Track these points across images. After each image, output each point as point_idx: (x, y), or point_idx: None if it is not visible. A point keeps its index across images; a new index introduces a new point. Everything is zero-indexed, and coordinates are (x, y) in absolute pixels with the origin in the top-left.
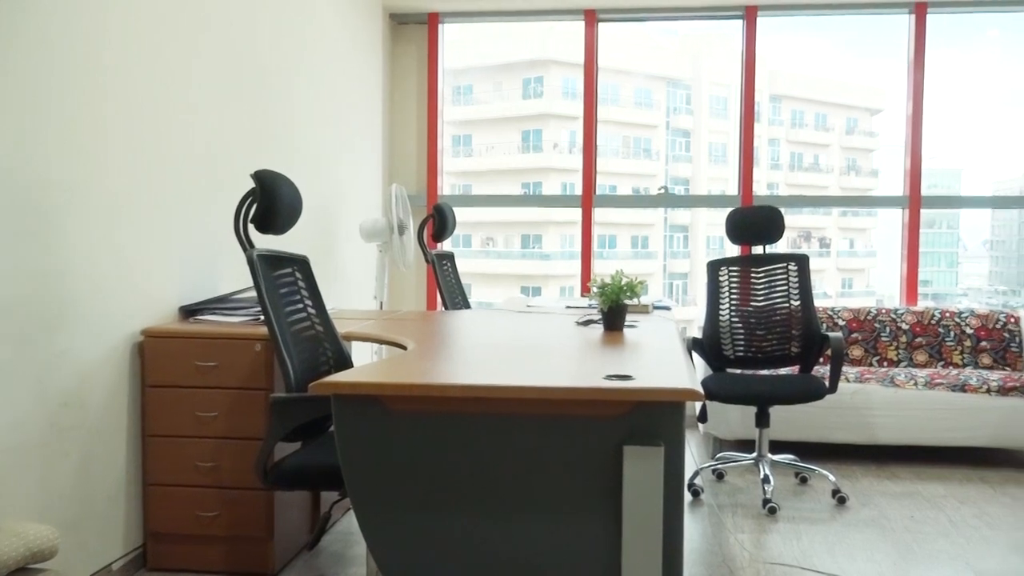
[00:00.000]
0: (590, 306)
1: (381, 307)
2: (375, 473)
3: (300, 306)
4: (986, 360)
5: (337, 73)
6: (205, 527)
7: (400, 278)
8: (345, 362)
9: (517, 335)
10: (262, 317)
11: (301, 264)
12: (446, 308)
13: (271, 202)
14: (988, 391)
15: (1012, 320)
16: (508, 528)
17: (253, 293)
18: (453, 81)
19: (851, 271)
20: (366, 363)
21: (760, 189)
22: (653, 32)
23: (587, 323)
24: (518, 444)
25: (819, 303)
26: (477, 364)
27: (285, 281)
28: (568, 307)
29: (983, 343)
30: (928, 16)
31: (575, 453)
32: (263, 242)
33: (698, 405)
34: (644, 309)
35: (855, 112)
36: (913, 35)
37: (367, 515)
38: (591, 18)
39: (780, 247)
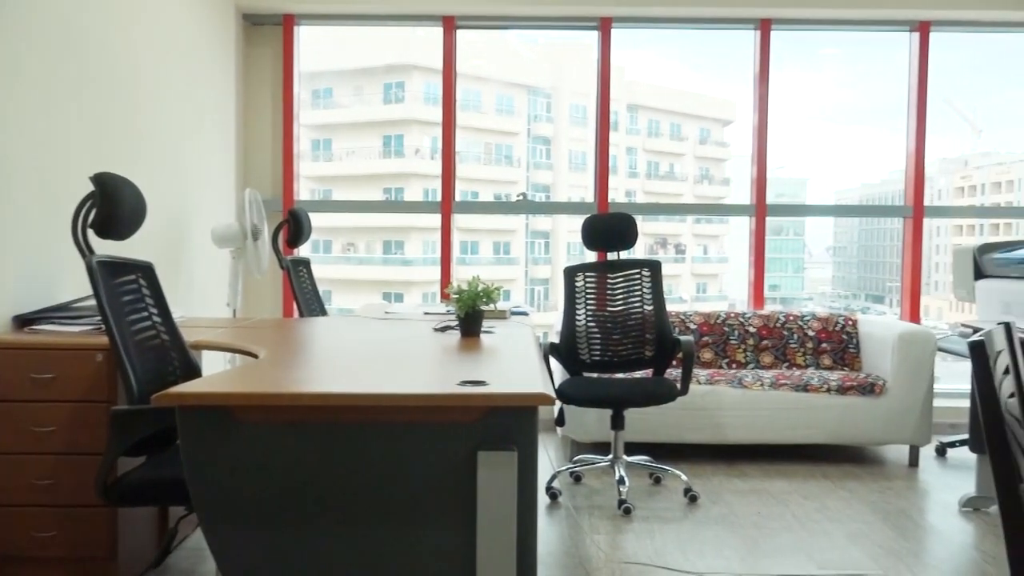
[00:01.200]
0: (448, 312)
1: (234, 315)
2: (222, 486)
3: (144, 314)
4: (827, 361)
5: (187, 74)
6: (43, 548)
7: (255, 285)
8: (194, 372)
9: (373, 342)
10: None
11: (145, 271)
12: (302, 315)
13: (112, 206)
14: (828, 390)
15: (850, 323)
16: (362, 539)
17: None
18: (311, 84)
19: (705, 276)
20: (215, 373)
21: (618, 196)
22: (514, 40)
23: (444, 329)
24: (372, 453)
25: (675, 307)
26: (330, 372)
27: (128, 289)
28: (426, 313)
29: (824, 345)
30: (772, 32)
31: (430, 460)
32: (106, 248)
33: (556, 409)
34: (502, 315)
35: (708, 123)
36: (758, 50)
37: (214, 530)
38: (449, 24)
39: (637, 253)
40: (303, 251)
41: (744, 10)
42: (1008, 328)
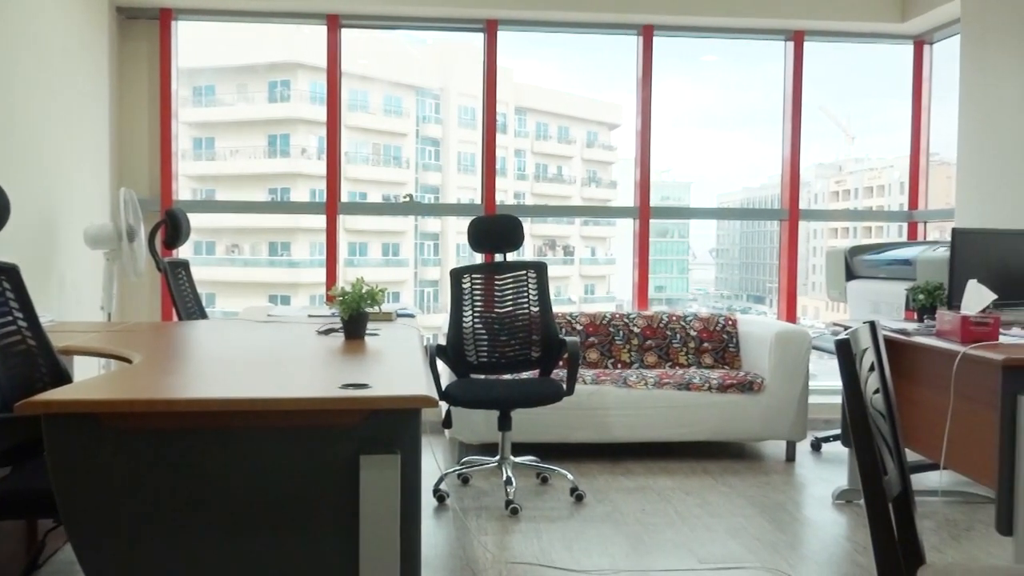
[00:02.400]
0: (333, 315)
1: (109, 319)
2: (92, 497)
3: (9, 319)
4: (708, 360)
5: (56, 68)
6: None
7: (131, 288)
8: (63, 378)
9: (253, 346)
10: None
11: (10, 273)
12: (180, 319)
13: None
14: (709, 389)
15: (730, 322)
16: (241, 548)
17: None
18: (192, 81)
19: (593, 278)
20: (85, 379)
21: (508, 199)
22: (403, 40)
23: (328, 332)
24: (250, 460)
25: (563, 309)
26: (208, 377)
27: None
28: (311, 316)
29: (705, 344)
30: (654, 38)
31: (311, 466)
32: None
33: (443, 411)
34: (388, 317)
35: (595, 126)
36: (641, 55)
37: (84, 543)
38: (333, 23)
39: (527, 255)
40: (183, 252)
41: (627, 16)
42: (873, 327)
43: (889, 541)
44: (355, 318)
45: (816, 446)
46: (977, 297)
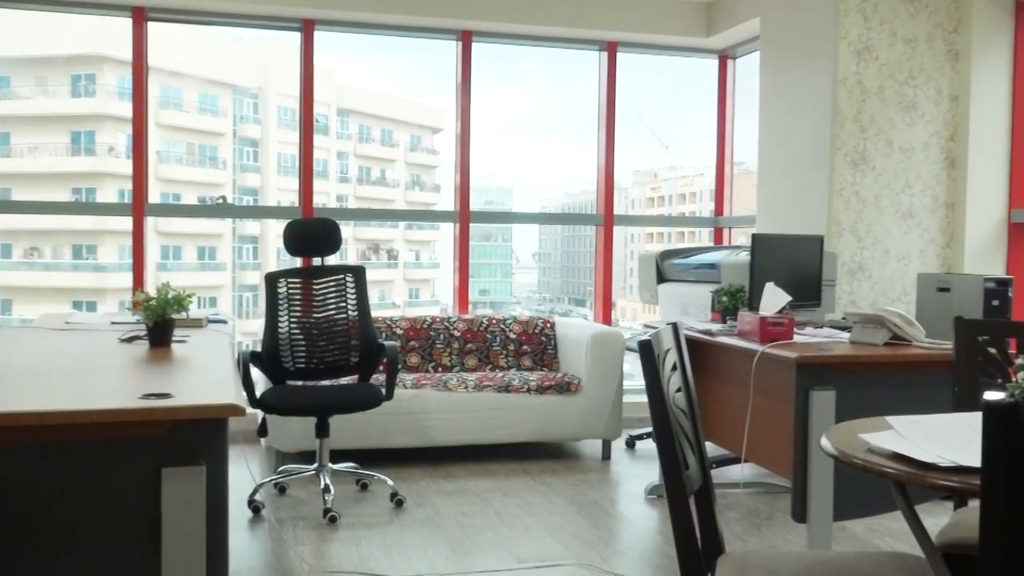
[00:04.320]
0: (138, 321)
1: None
2: None
3: None
4: (527, 362)
5: None
6: None
7: None
8: None
9: (48, 355)
10: None
11: None
12: None
13: None
14: (528, 390)
15: (548, 325)
16: (34, 569)
17: None
18: None
19: (418, 281)
20: None
21: (330, 201)
22: (219, 37)
23: (131, 339)
24: (41, 477)
25: (386, 313)
26: None
27: None
28: (114, 323)
29: (524, 347)
30: (473, 44)
31: (109, 481)
32: None
33: (259, 418)
34: (197, 323)
35: (419, 130)
36: (460, 60)
37: None
38: (139, 16)
39: (350, 259)
40: None
41: (446, 21)
42: (675, 328)
43: (690, 533)
44: (160, 325)
45: (631, 444)
46: (774, 299)
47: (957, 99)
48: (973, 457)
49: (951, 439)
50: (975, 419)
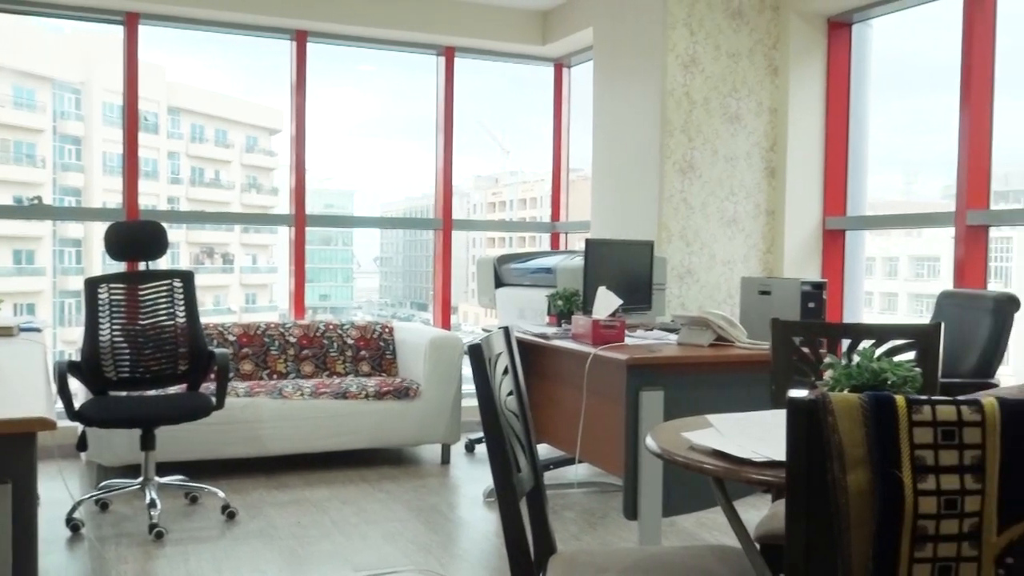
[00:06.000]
0: None
1: None
2: None
3: None
4: (365, 368)
5: None
6: None
7: None
8: None
9: None
10: None
11: None
12: None
13: None
14: (367, 396)
15: (387, 330)
16: None
17: None
18: None
19: (255, 287)
20: None
21: (160, 203)
22: (36, 26)
23: None
24: None
25: (219, 319)
26: None
27: None
28: None
29: (363, 352)
30: (309, 44)
31: None
32: None
33: (78, 432)
34: (8, 332)
35: (255, 131)
36: (295, 60)
37: None
38: None
39: (182, 263)
40: None
41: (280, 20)
42: (507, 332)
43: (520, 535)
44: None
45: (470, 448)
46: (606, 302)
47: (776, 111)
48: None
49: (766, 435)
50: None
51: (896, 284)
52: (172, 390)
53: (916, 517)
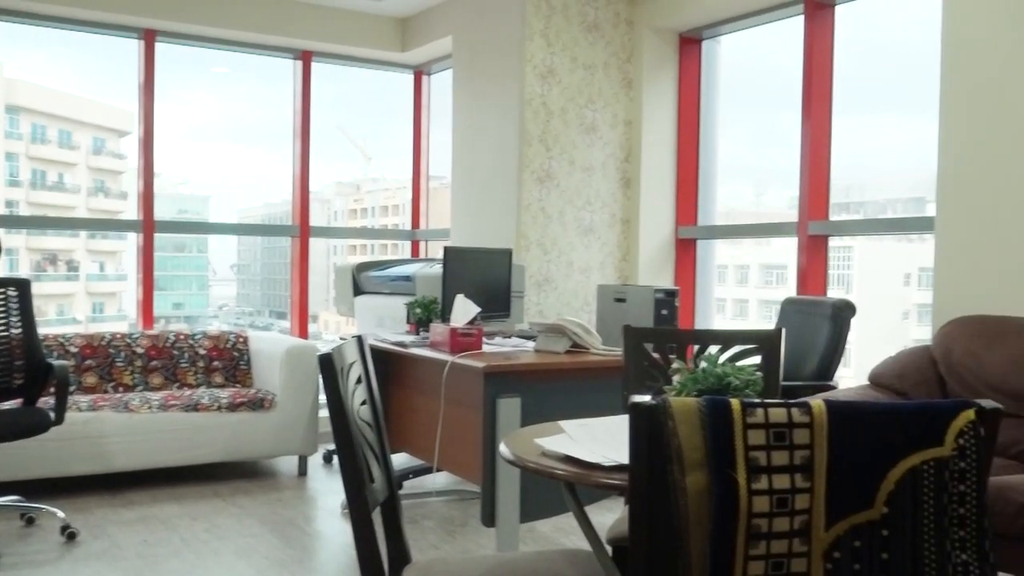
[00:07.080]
0: None
1: None
2: None
3: None
4: (219, 379)
5: None
6: None
7: None
8: None
9: None
10: None
11: None
12: None
13: None
14: (219, 408)
15: (241, 340)
16: None
17: None
18: None
19: (102, 295)
20: None
21: None
22: None
23: None
24: None
25: (62, 329)
26: None
27: None
28: None
29: (215, 363)
30: (158, 44)
31: None
32: None
33: None
34: None
35: (103, 132)
36: (143, 60)
37: None
38: None
39: (23, 271)
40: None
41: (127, 18)
42: (360, 340)
43: (372, 546)
44: None
45: (328, 458)
46: (464, 310)
47: (631, 123)
48: None
49: (615, 440)
50: None
51: (747, 291)
52: (6, 405)
53: (751, 516)
